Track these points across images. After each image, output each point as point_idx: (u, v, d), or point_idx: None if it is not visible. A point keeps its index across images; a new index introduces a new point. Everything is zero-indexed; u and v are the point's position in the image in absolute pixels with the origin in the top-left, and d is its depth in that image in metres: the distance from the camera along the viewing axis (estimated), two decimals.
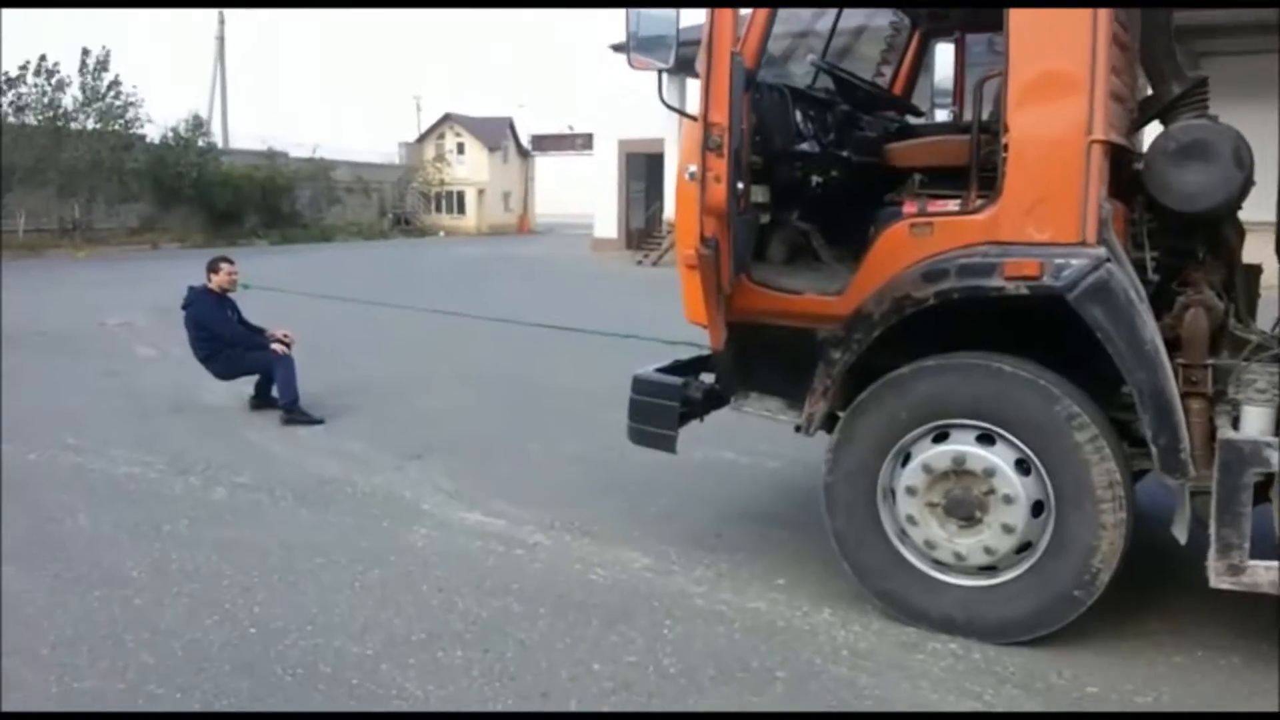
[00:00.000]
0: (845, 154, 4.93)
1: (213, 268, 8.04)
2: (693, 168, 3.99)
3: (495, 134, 56.46)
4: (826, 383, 4.11)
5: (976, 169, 4.08)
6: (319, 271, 21.32)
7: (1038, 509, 3.77)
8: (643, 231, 31.38)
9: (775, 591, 4.33)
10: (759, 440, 6.25)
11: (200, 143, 36.77)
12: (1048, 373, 3.76)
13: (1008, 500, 3.78)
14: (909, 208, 4.11)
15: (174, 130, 35.93)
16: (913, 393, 3.94)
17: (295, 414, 7.56)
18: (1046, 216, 3.72)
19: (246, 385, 8.02)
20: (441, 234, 50.87)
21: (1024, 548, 3.82)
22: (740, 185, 4.12)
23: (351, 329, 12.55)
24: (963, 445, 3.86)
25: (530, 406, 8.24)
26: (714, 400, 4.77)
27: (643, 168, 35.32)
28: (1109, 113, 3.74)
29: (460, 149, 55.29)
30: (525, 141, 59.35)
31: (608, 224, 36.14)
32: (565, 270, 26.52)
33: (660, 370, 4.92)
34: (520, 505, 5.50)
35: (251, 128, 71.19)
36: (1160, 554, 4.34)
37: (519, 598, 4.23)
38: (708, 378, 4.95)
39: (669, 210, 29.75)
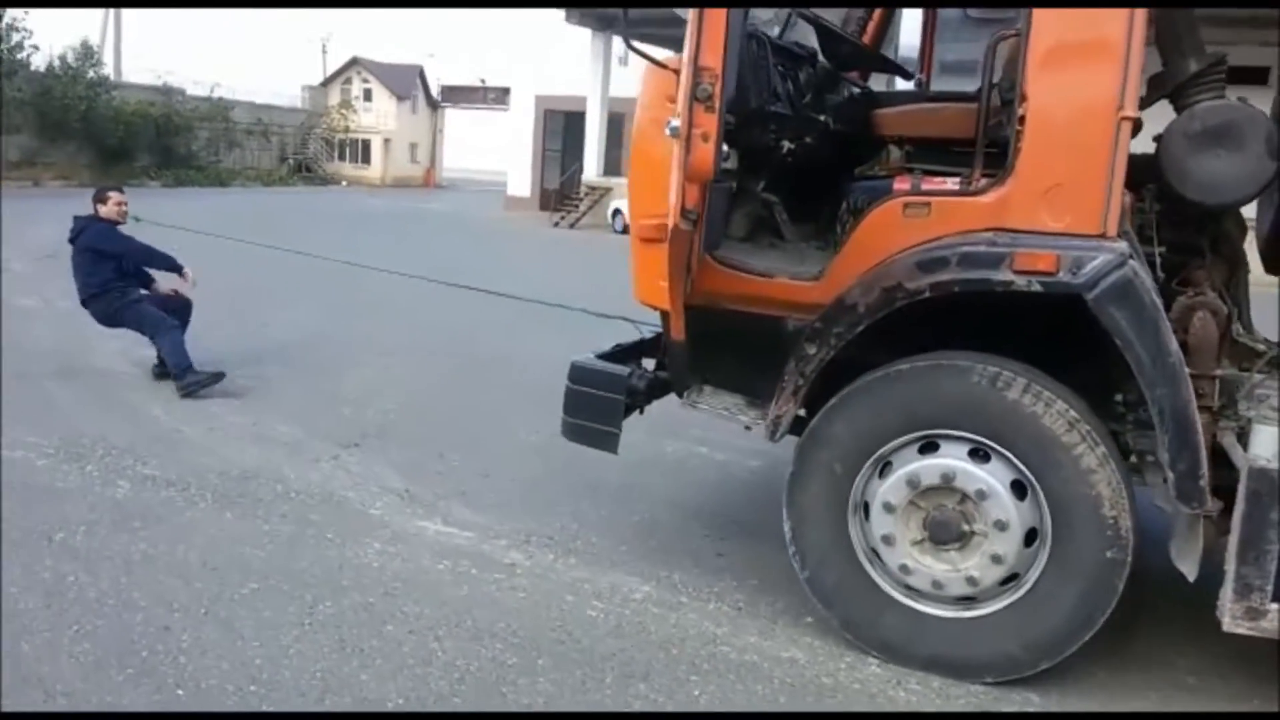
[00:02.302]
0: (823, 118, 4.38)
1: (100, 198, 7.02)
2: (675, 121, 3.25)
3: (405, 82, 54.43)
4: (799, 381, 3.55)
5: (984, 143, 3.51)
6: (218, 215, 19.81)
7: (1030, 537, 3.28)
8: (559, 192, 30.34)
9: (808, 634, 3.68)
10: (730, 434, 5.59)
11: (90, 74, 33.96)
12: (1057, 384, 3.26)
13: (1000, 527, 3.29)
14: (900, 184, 3.55)
15: (61, 59, 33.05)
16: (900, 395, 3.40)
17: (191, 381, 6.59)
18: (1065, 202, 3.22)
19: (148, 349, 7.02)
20: (344, 184, 48.97)
21: (1009, 579, 3.34)
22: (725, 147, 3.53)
23: (261, 279, 11.50)
24: (954, 460, 3.34)
25: (471, 381, 7.45)
26: (657, 391, 4.22)
27: (560, 125, 34.24)
28: (1139, 86, 3.22)
29: (367, 96, 53.18)
30: (435, 92, 57.45)
31: (521, 183, 35.04)
32: (480, 229, 25.49)
33: (601, 357, 4.30)
34: (485, 512, 4.75)
35: (146, 60, 67.28)
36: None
37: (509, 643, 3.48)
38: (648, 363, 4.44)
39: (589, 171, 28.92)
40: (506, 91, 55.24)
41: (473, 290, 7.96)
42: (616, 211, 25.83)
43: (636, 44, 3.68)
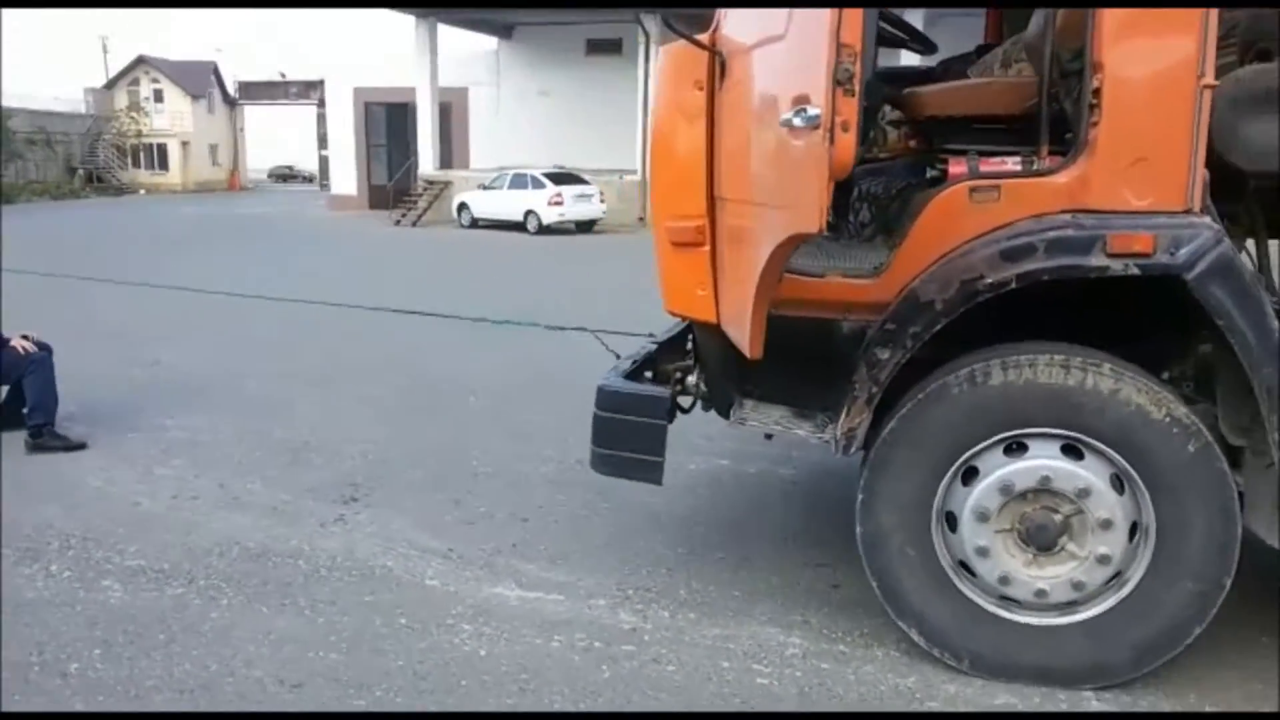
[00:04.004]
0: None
1: None
2: (812, 110, 2.77)
3: (198, 80, 51.10)
4: (872, 389, 3.22)
5: (1048, 120, 3.23)
6: (21, 243, 17.79)
7: (1132, 532, 3.10)
8: (394, 189, 29.04)
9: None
10: (741, 443, 5.36)
11: None
12: (1145, 371, 3.09)
13: (1105, 525, 3.07)
14: (956, 168, 3.27)
15: None
16: (983, 394, 3.11)
17: (47, 438, 5.73)
18: (1148, 178, 3.00)
19: None
20: (142, 192, 45.66)
21: (1113, 578, 3.15)
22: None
23: (122, 316, 10.24)
24: (1049, 460, 3.09)
25: (427, 410, 6.73)
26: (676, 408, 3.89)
27: (383, 120, 32.70)
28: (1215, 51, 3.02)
29: (158, 96, 49.60)
30: (231, 89, 54.22)
31: (346, 180, 33.45)
32: (319, 233, 24.05)
33: (626, 377, 3.87)
34: (554, 566, 4.16)
35: None
36: None
37: None
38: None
39: (424, 165, 27.75)
40: (311, 85, 53.00)
41: (387, 311, 7.28)
42: (463, 206, 24.91)
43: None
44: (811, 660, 3.40)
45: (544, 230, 22.67)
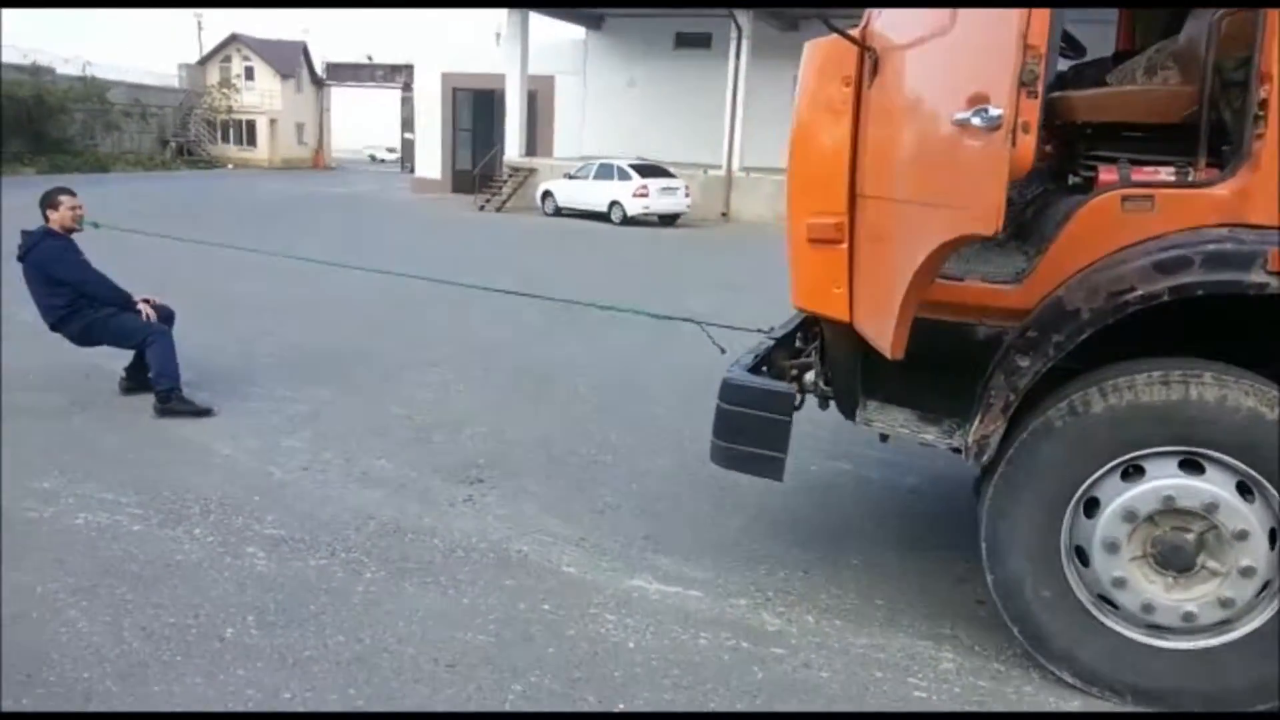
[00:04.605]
0: None
1: (50, 202, 6.07)
2: (994, 110, 2.65)
3: (288, 59, 52.01)
4: (1010, 397, 3.11)
5: (1207, 130, 3.09)
6: (130, 209, 18.26)
7: (1272, 538, 2.96)
8: (481, 175, 29.27)
9: None
10: (861, 446, 5.30)
11: None
12: (1248, 371, 2.95)
13: (1241, 536, 2.94)
14: (1107, 175, 3.17)
15: None
16: (1088, 423, 3.01)
17: (175, 402, 5.86)
18: None
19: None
20: (230, 166, 46.59)
21: (1263, 589, 3.00)
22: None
23: (229, 283, 10.44)
24: (1169, 479, 2.98)
25: (535, 394, 6.74)
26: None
27: (469, 106, 32.99)
28: None
29: (249, 74, 50.60)
30: (319, 69, 55.10)
31: (431, 164, 33.74)
32: (407, 214, 24.32)
33: (749, 370, 3.79)
34: (691, 562, 4.10)
35: (5, 36, 62.49)
36: None
37: None
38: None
39: (510, 153, 27.92)
40: (396, 69, 53.72)
41: (487, 290, 7.34)
42: (547, 193, 25.01)
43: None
44: (968, 677, 3.30)
45: (627, 221, 22.65)
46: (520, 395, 6.72)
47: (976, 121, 2.62)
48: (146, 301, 6.09)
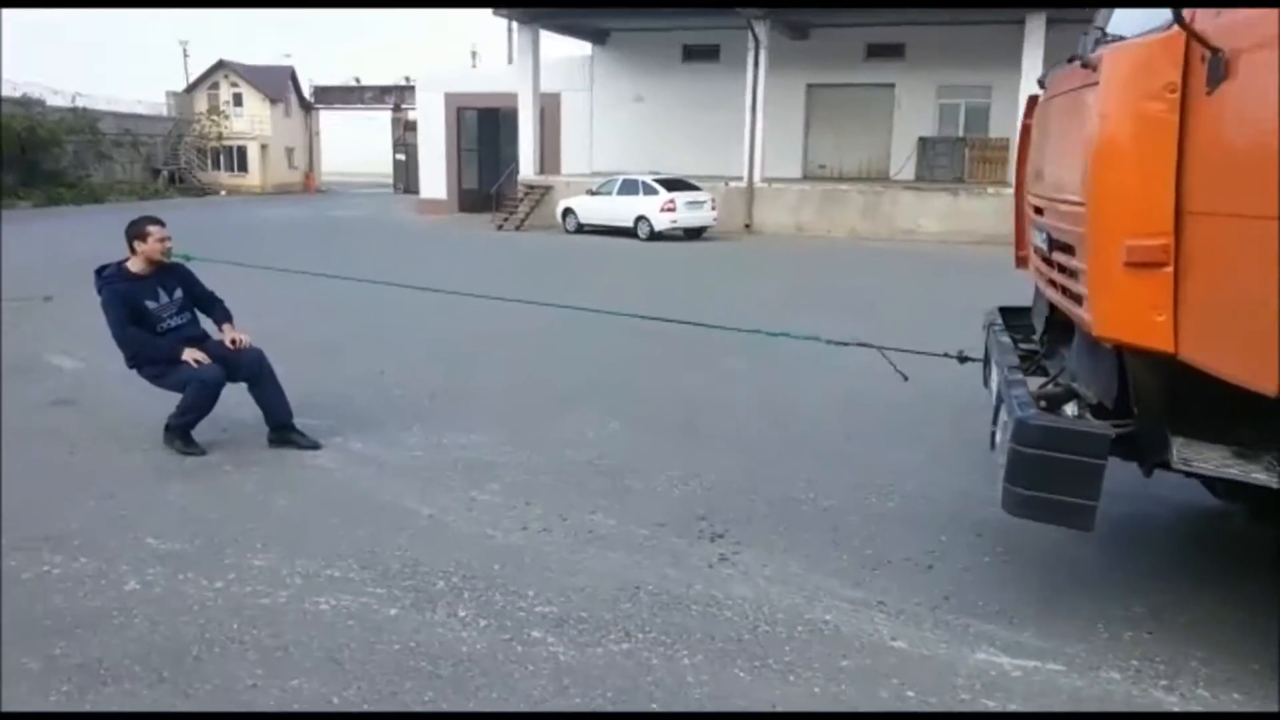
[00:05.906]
0: None
1: (138, 233, 5.66)
2: None
3: (276, 84, 51.42)
4: None
5: None
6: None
7: None
8: (496, 194, 28.82)
9: None
10: (1175, 490, 4.62)
11: None
12: None
13: None
14: None
15: None
16: None
17: (177, 439, 5.57)
18: None
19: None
20: (223, 193, 45.94)
21: None
22: None
23: (305, 317, 9.93)
24: None
25: (701, 431, 6.25)
26: None
27: (474, 124, 32.53)
28: None
29: (238, 100, 49.95)
30: (307, 93, 54.56)
31: (435, 184, 33.26)
32: (432, 236, 23.81)
33: (1047, 409, 3.42)
34: (1012, 626, 3.64)
35: None
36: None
37: None
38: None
39: (524, 170, 27.45)
40: (386, 90, 53.20)
41: (619, 316, 6.91)
42: (568, 211, 24.56)
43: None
44: None
45: (654, 236, 22.24)
46: (682, 432, 6.23)
47: None
48: (235, 342, 5.72)
